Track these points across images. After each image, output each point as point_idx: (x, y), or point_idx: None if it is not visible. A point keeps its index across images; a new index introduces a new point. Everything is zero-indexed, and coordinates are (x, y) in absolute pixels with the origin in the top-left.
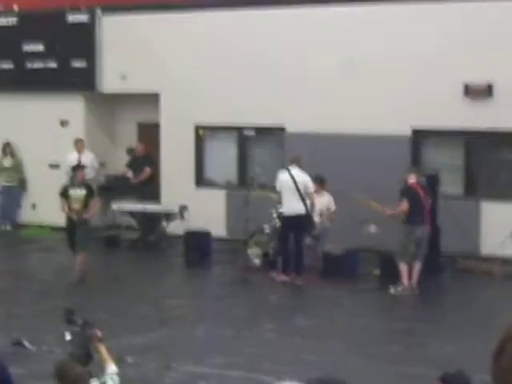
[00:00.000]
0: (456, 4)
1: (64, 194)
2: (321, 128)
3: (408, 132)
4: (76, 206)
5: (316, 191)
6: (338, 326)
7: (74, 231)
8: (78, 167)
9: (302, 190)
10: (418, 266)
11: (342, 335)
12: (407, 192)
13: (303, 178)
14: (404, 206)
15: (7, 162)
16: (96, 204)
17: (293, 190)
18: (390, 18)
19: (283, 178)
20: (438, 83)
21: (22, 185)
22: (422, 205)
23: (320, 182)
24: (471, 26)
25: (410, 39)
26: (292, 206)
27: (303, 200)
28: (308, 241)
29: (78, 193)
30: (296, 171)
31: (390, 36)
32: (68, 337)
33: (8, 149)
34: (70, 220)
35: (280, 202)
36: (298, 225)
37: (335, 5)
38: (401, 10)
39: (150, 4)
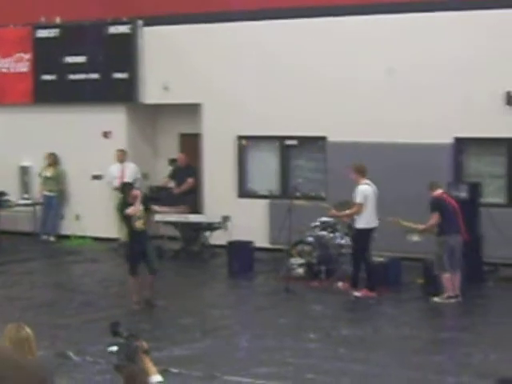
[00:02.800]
0: (496, 11)
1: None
2: (362, 137)
3: (450, 140)
4: (138, 223)
5: None
6: (382, 335)
7: (141, 250)
8: (127, 186)
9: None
10: (457, 276)
11: (387, 345)
12: (436, 204)
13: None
14: (434, 218)
15: (49, 172)
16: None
17: (374, 202)
18: (430, 27)
19: (368, 190)
20: (479, 91)
21: (61, 195)
22: (454, 214)
23: None
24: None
25: (450, 47)
26: (373, 218)
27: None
28: (350, 250)
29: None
30: (371, 183)
31: (430, 44)
32: (113, 348)
33: (51, 159)
34: (136, 238)
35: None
36: (371, 237)
37: (375, 14)
38: (441, 18)
39: (191, 15)
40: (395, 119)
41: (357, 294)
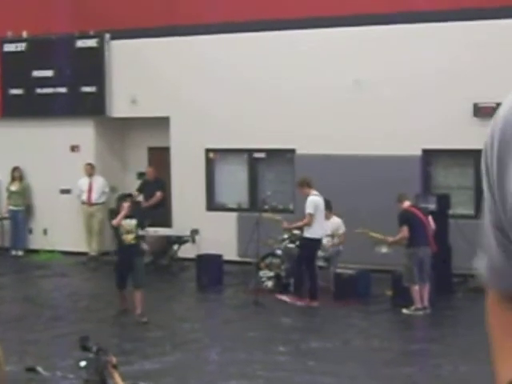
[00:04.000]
0: (464, 24)
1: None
2: (331, 149)
3: (419, 152)
4: (128, 236)
5: (326, 216)
6: (352, 347)
7: (128, 265)
8: (121, 197)
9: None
10: (426, 288)
11: (356, 357)
12: (405, 217)
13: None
14: (404, 231)
15: (14, 187)
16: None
17: (323, 213)
18: (398, 39)
19: (318, 201)
20: (447, 103)
21: (27, 210)
22: (423, 226)
23: (328, 206)
24: (479, 45)
25: (418, 60)
26: (322, 229)
27: None
28: (320, 262)
29: (128, 223)
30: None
31: (399, 57)
32: (83, 363)
33: (16, 173)
34: (124, 251)
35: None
36: (319, 247)
37: (344, 27)
38: (409, 30)
39: (158, 28)
40: (364, 132)
41: (286, 299)
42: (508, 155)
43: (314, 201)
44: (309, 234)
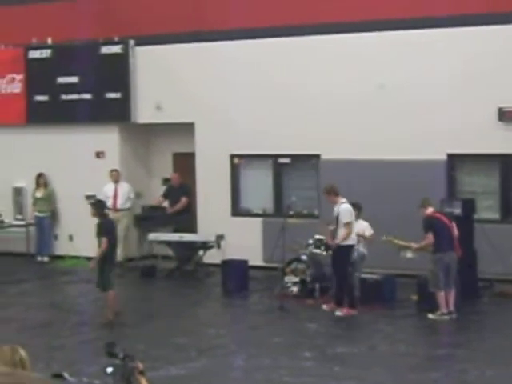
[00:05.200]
0: (489, 28)
1: None
2: (356, 154)
3: (443, 157)
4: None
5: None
6: (378, 352)
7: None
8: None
9: None
10: (452, 292)
11: (382, 362)
12: (430, 223)
13: None
14: (429, 238)
15: (39, 193)
16: (103, 244)
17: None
18: (422, 44)
19: (351, 209)
20: (472, 108)
21: (53, 216)
22: (448, 231)
23: (358, 209)
24: (504, 49)
25: (443, 64)
26: (355, 234)
27: None
28: None
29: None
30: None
31: (423, 61)
32: (109, 370)
33: (41, 180)
34: None
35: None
36: (353, 252)
37: (367, 32)
38: (433, 34)
39: (183, 34)
40: (388, 136)
41: (339, 313)
42: None
43: (350, 209)
44: (352, 241)
